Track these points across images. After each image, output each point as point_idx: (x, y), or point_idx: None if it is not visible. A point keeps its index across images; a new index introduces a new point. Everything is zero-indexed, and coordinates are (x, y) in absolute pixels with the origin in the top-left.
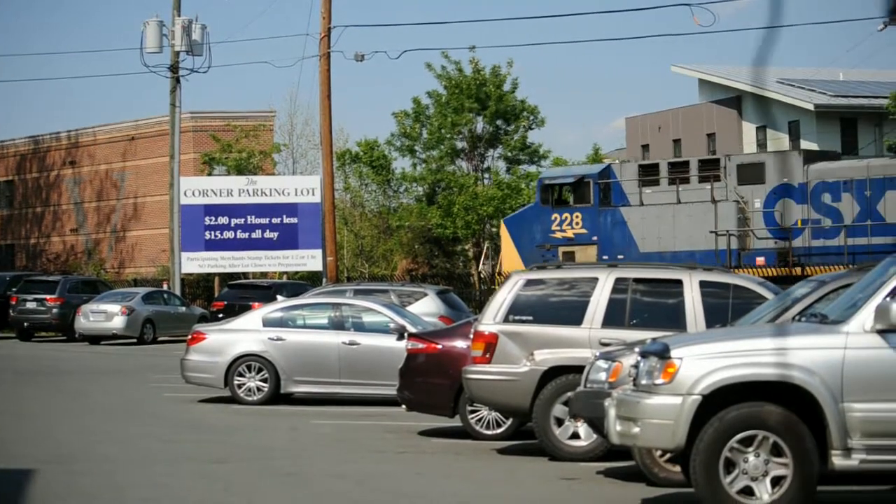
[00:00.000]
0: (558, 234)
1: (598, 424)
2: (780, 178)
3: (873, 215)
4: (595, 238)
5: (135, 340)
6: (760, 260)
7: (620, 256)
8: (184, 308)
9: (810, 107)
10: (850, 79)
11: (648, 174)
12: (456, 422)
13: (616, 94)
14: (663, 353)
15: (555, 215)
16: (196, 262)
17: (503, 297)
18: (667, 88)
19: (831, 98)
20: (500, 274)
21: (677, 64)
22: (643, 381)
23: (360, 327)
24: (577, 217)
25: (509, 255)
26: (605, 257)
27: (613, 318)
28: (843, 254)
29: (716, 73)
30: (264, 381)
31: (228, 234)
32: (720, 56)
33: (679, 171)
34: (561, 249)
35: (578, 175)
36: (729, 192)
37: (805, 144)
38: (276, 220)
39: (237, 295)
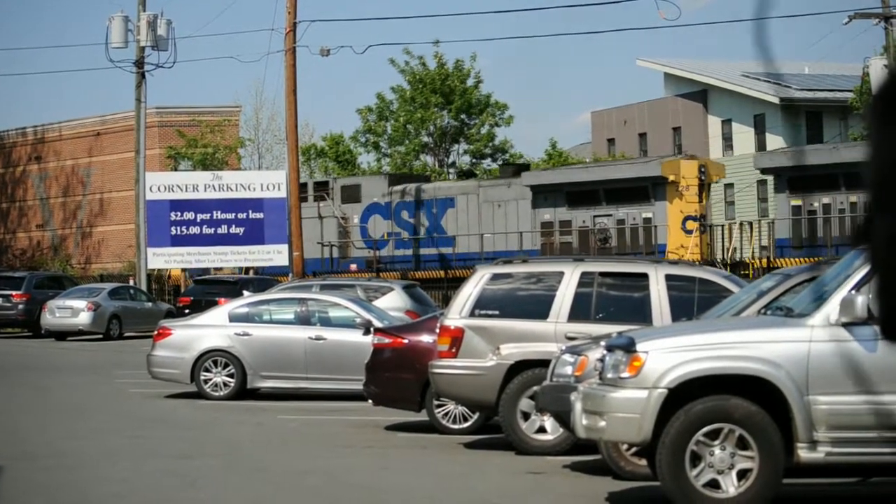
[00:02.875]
0: None
1: (564, 418)
2: (372, 197)
3: (438, 229)
4: None
5: (101, 336)
6: (353, 266)
7: None
8: (150, 304)
9: (776, 100)
10: (816, 72)
11: (303, 192)
12: (422, 416)
13: (582, 88)
14: (629, 347)
15: None
16: (162, 258)
17: (469, 292)
18: (632, 82)
19: (797, 91)
20: None
21: (643, 58)
22: (609, 375)
23: (327, 322)
24: None
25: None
26: None
27: (579, 311)
28: (413, 261)
29: (681, 67)
30: (231, 376)
31: (194, 230)
32: (686, 50)
33: (317, 190)
34: None
35: None
36: (335, 209)
37: (771, 138)
38: (241, 216)
39: (203, 290)
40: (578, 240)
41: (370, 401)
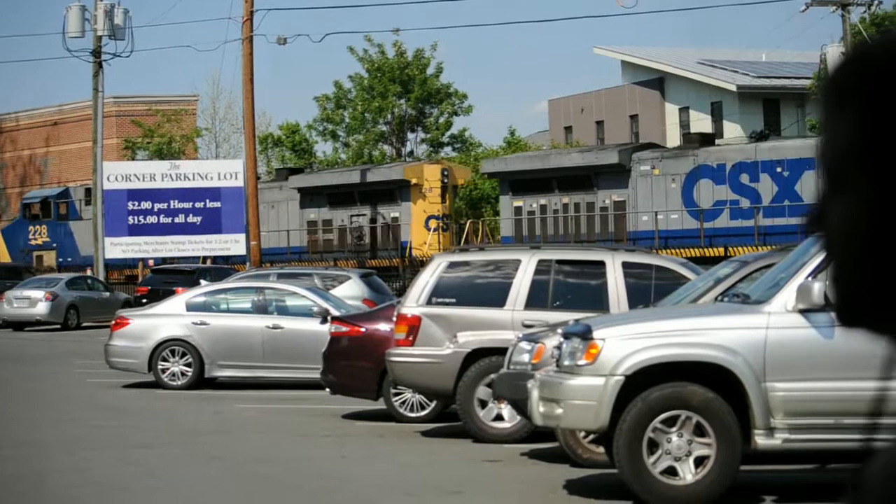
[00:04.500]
0: (32, 242)
1: (521, 406)
2: None
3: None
4: (55, 245)
5: (59, 326)
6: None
7: (69, 259)
8: (108, 293)
9: (733, 88)
10: (773, 60)
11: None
12: (380, 405)
13: (540, 76)
14: (586, 335)
15: (30, 227)
16: (119, 248)
17: (426, 280)
18: (590, 70)
19: (754, 79)
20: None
21: (600, 45)
22: (566, 363)
23: (284, 311)
24: (42, 229)
25: (3, 257)
26: (60, 259)
27: (536, 299)
28: None
29: (639, 55)
30: (188, 365)
31: (152, 219)
32: (643, 38)
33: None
34: (34, 254)
35: (43, 196)
36: None
37: (728, 125)
38: (199, 205)
39: (161, 280)
40: (338, 237)
41: (327, 389)
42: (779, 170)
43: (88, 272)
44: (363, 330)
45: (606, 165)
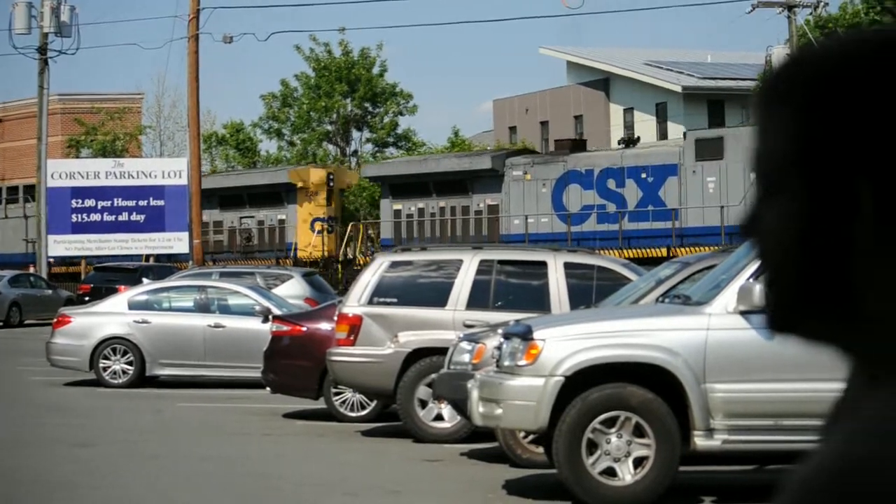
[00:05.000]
0: None
1: (461, 406)
2: None
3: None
4: None
5: (1, 324)
6: None
7: None
8: (50, 291)
9: (678, 89)
10: (718, 61)
11: None
12: (320, 404)
13: (485, 76)
14: (526, 335)
15: None
16: (63, 245)
17: (367, 280)
18: (535, 70)
19: (699, 80)
20: None
21: (546, 46)
22: (506, 363)
23: (226, 310)
24: None
25: None
26: None
27: (478, 299)
28: None
29: (584, 55)
30: (129, 363)
31: (95, 217)
32: (588, 38)
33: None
34: None
35: None
36: None
37: (672, 126)
38: (143, 203)
39: (103, 278)
40: (228, 238)
41: (268, 388)
42: (643, 175)
43: (31, 269)
44: (304, 329)
45: (481, 170)
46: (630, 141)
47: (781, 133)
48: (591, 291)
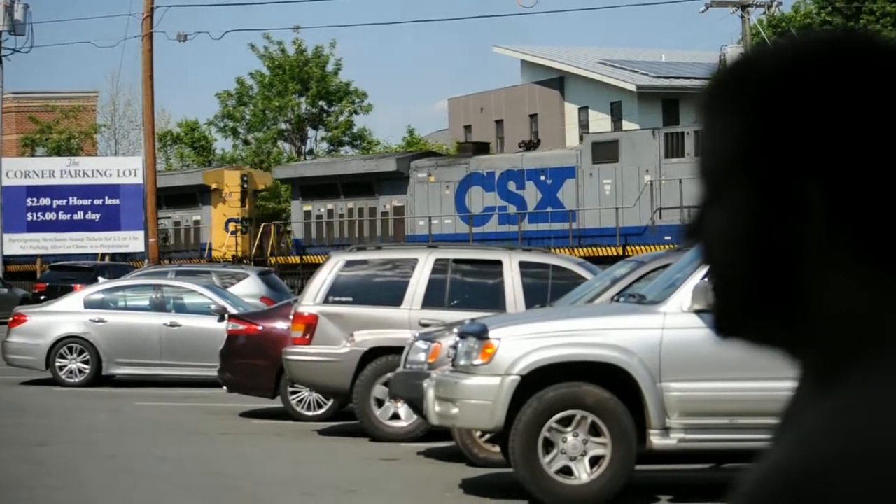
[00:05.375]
0: None
1: (417, 405)
2: None
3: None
4: None
5: None
6: None
7: None
8: (6, 290)
9: (632, 88)
10: (673, 60)
11: None
12: (277, 403)
13: (439, 75)
14: (481, 334)
15: None
16: (18, 244)
17: (323, 278)
18: (490, 69)
19: (653, 79)
20: None
21: (500, 45)
22: (461, 362)
23: (182, 309)
24: None
25: None
26: None
27: (433, 298)
28: None
29: (538, 54)
30: (86, 363)
31: (51, 216)
32: (543, 37)
33: None
34: None
35: None
36: None
37: (627, 125)
38: (98, 202)
39: (59, 277)
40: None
41: (225, 387)
42: (543, 178)
43: None
44: (260, 328)
45: (387, 172)
46: (531, 144)
47: (729, 134)
48: (546, 290)
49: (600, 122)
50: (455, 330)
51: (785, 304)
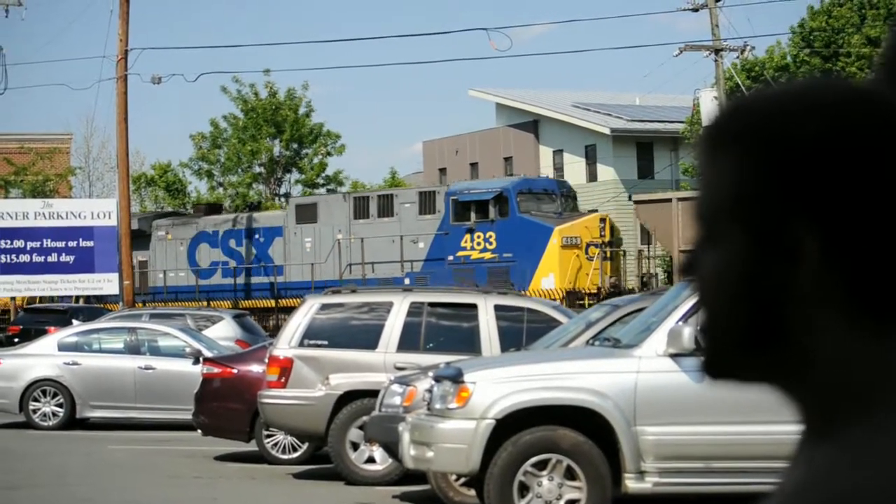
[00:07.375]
0: None
1: (393, 449)
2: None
3: None
4: None
5: None
6: None
7: None
8: None
9: (607, 131)
10: (647, 104)
11: None
12: (252, 446)
13: (414, 117)
14: (457, 378)
15: None
16: None
17: (298, 322)
18: (465, 112)
19: (628, 122)
20: None
21: (475, 88)
22: (437, 406)
23: (156, 351)
24: None
25: None
26: None
27: (408, 341)
28: None
29: (513, 97)
30: (60, 406)
31: (24, 258)
32: (517, 80)
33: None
34: None
35: None
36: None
37: (602, 168)
38: (72, 244)
39: (33, 319)
40: None
41: (200, 431)
42: (257, 237)
43: None
44: (235, 371)
45: (133, 231)
46: (253, 206)
47: (725, 179)
48: (521, 334)
49: (575, 166)
50: (430, 373)
51: (775, 348)
